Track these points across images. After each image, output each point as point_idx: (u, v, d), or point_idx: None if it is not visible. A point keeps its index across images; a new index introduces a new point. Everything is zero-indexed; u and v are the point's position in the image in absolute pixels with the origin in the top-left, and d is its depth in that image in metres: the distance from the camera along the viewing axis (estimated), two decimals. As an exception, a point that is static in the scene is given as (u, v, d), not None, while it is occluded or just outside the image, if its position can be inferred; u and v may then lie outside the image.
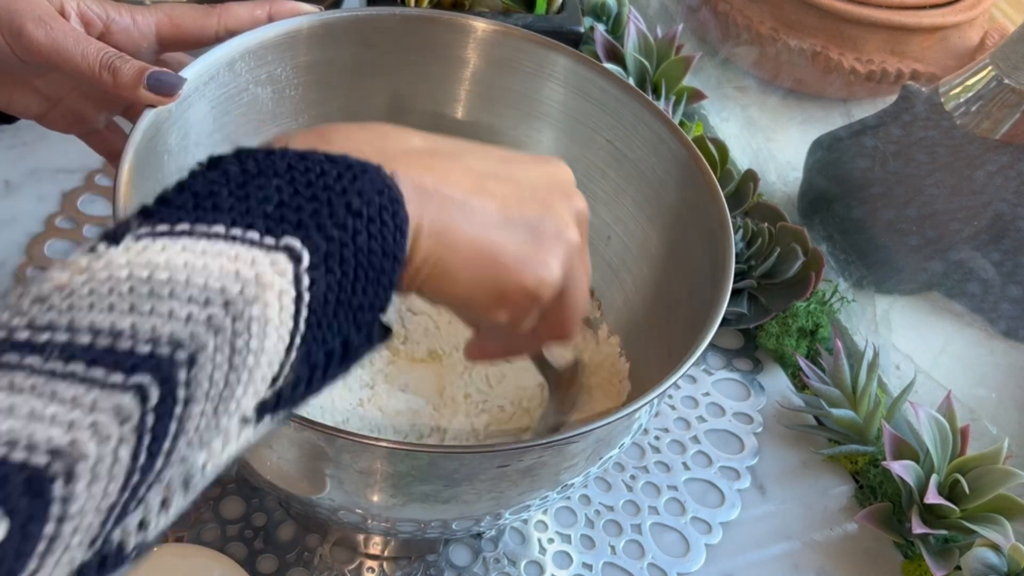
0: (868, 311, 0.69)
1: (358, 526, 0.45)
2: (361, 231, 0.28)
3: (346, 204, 0.28)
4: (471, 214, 0.31)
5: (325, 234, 0.27)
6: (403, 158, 0.31)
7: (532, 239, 0.33)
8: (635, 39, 0.79)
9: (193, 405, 0.24)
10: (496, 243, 0.32)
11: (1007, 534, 0.53)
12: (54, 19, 0.44)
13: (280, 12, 0.50)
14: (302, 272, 0.26)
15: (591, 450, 0.42)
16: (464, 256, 0.31)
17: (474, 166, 0.33)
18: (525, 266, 0.32)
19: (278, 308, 0.26)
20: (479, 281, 0.32)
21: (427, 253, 0.31)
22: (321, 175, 0.28)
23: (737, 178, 0.71)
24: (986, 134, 0.66)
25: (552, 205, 0.34)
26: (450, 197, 0.31)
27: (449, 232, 0.31)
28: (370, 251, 0.28)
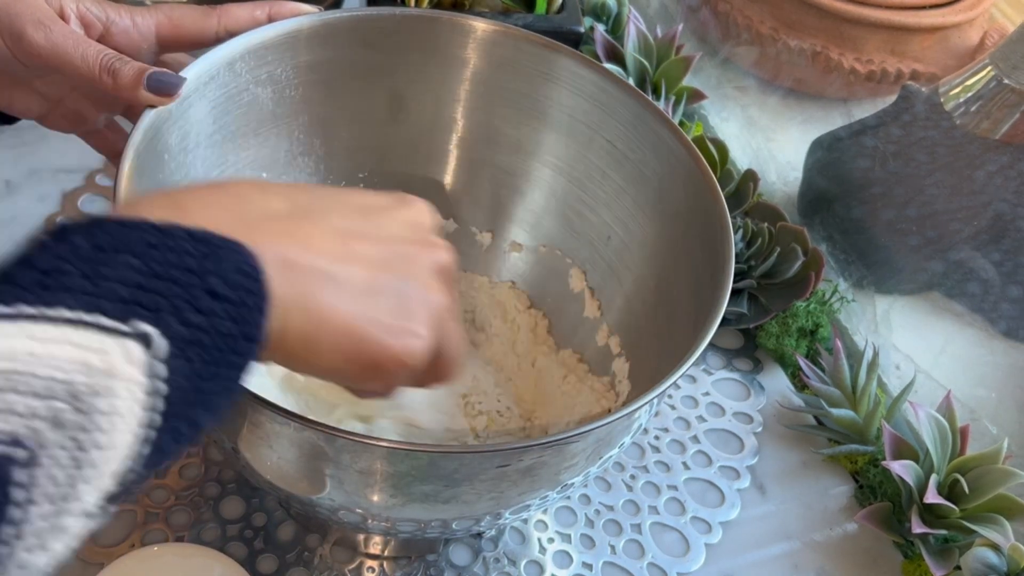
0: (868, 311, 0.69)
1: (358, 526, 0.45)
2: (221, 315, 0.26)
3: (207, 287, 0.26)
4: (338, 285, 0.30)
5: (182, 319, 0.25)
6: (264, 226, 0.30)
7: (400, 307, 0.32)
8: (635, 39, 0.79)
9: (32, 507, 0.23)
10: (364, 315, 0.31)
11: (1007, 534, 0.53)
12: (54, 22, 0.44)
13: (280, 13, 0.50)
14: (156, 361, 0.25)
15: (591, 450, 0.42)
16: (332, 330, 0.30)
17: (337, 225, 0.32)
18: (395, 337, 0.31)
19: (130, 400, 0.24)
20: (349, 354, 0.31)
21: (292, 327, 0.29)
22: (182, 254, 0.26)
23: (737, 178, 0.71)
24: (986, 134, 0.66)
25: (415, 263, 0.33)
26: (315, 268, 0.30)
27: (316, 306, 0.30)
28: (228, 335, 0.26)
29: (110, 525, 0.51)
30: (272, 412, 0.36)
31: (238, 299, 0.27)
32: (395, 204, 0.35)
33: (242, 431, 0.40)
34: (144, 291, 0.25)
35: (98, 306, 0.24)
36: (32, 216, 0.66)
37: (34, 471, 0.23)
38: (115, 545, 0.50)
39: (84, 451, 0.24)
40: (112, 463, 0.24)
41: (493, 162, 0.60)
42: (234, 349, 0.27)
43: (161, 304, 0.25)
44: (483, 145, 0.60)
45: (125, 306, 0.25)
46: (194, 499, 0.53)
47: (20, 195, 0.67)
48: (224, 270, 0.26)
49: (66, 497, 0.24)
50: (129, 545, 0.50)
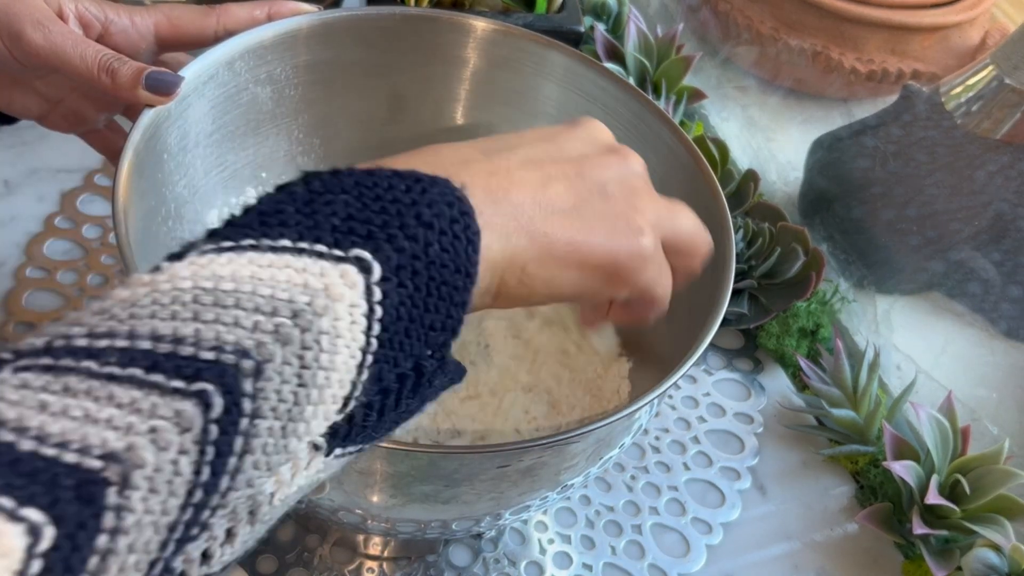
0: (869, 311, 0.69)
1: (358, 526, 0.45)
2: (433, 243, 0.27)
3: (416, 215, 0.27)
4: (550, 207, 0.31)
5: (396, 245, 0.26)
6: (463, 169, 0.30)
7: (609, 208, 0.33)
8: (635, 39, 0.79)
9: (260, 421, 0.23)
10: (584, 227, 0.32)
11: (1008, 534, 0.53)
12: (52, 22, 0.44)
13: (279, 12, 0.50)
14: (373, 284, 0.25)
15: (591, 450, 0.42)
16: (561, 248, 0.31)
17: (528, 155, 0.33)
18: (621, 235, 0.32)
19: (349, 321, 0.25)
20: (585, 266, 0.32)
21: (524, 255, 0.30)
22: (389, 188, 0.27)
23: (737, 178, 0.71)
24: (987, 134, 0.66)
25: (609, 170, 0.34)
26: (523, 196, 0.31)
27: (536, 229, 0.31)
28: (442, 264, 0.27)
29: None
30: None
31: (448, 229, 0.27)
32: (570, 126, 0.36)
33: (241, 431, 0.40)
34: (357, 221, 0.26)
35: (315, 236, 0.25)
36: (31, 216, 0.65)
37: (261, 383, 0.23)
38: (114, 546, 0.50)
39: (307, 368, 0.24)
40: (333, 385, 0.25)
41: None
42: (447, 280, 0.27)
43: (374, 232, 0.26)
44: (483, 145, 0.60)
45: (340, 234, 0.26)
46: (193, 499, 0.53)
47: (19, 195, 0.67)
48: (432, 201, 0.27)
49: (292, 415, 0.24)
50: (128, 546, 0.50)
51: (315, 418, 0.25)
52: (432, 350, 0.28)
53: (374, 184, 0.27)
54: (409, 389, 0.28)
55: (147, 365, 0.22)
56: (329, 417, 0.25)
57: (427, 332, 0.27)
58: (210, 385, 0.22)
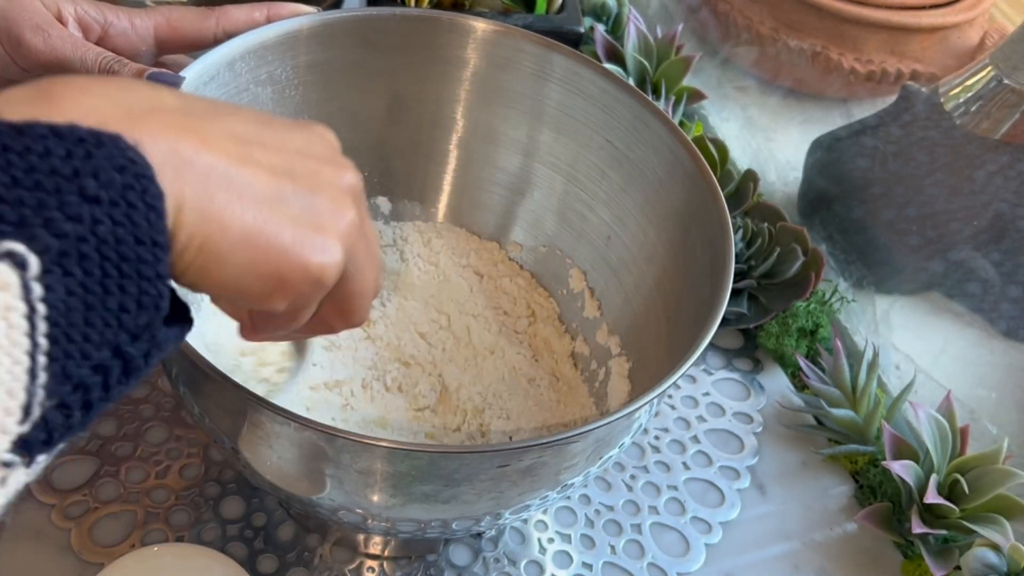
0: (868, 311, 0.69)
1: (358, 526, 0.45)
2: (102, 220, 0.23)
3: (79, 189, 0.23)
4: (239, 187, 0.27)
5: (55, 230, 0.22)
6: (152, 117, 0.26)
7: (309, 217, 0.29)
8: (635, 39, 0.79)
9: None
10: (271, 222, 0.28)
11: (1007, 534, 0.53)
12: (51, 26, 0.44)
13: (279, 14, 0.50)
14: (31, 281, 0.22)
15: (591, 450, 0.42)
16: (234, 237, 0.27)
17: (235, 129, 0.28)
18: (305, 247, 0.28)
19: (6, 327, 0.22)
20: (254, 265, 0.27)
21: (191, 233, 0.26)
22: (45, 155, 0.23)
23: (737, 178, 0.71)
24: (986, 134, 0.66)
25: (324, 178, 0.30)
26: (212, 166, 0.26)
27: (215, 208, 0.26)
28: (118, 241, 0.23)
29: (110, 525, 0.51)
30: (272, 412, 0.36)
31: (120, 199, 0.23)
32: (297, 123, 0.32)
33: (242, 431, 0.40)
34: (5, 204, 0.22)
35: None
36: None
37: None
38: (115, 545, 0.50)
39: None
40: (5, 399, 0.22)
41: (493, 162, 0.60)
42: (128, 255, 0.24)
43: (28, 217, 0.22)
44: (483, 145, 0.60)
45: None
46: (194, 499, 0.53)
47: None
48: (99, 168, 0.23)
49: None
50: (129, 545, 0.50)
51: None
52: (133, 333, 0.25)
53: (26, 149, 0.22)
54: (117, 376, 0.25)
55: None
56: (8, 431, 0.22)
57: (118, 315, 0.24)
58: None
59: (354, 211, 0.31)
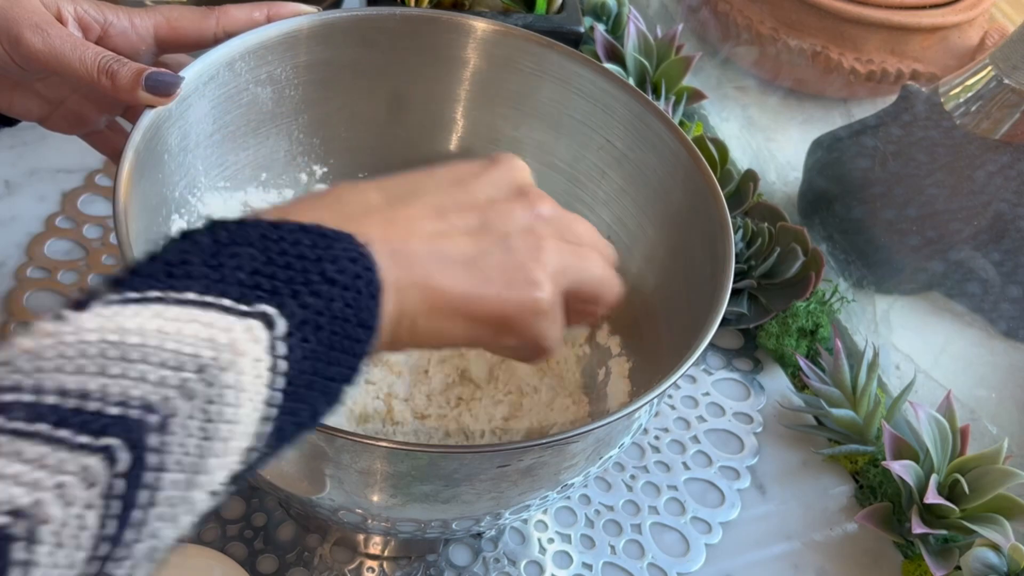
0: (868, 311, 0.69)
1: (358, 526, 0.45)
2: (336, 299, 0.27)
3: (321, 272, 0.27)
4: (446, 259, 0.31)
5: (300, 301, 0.26)
6: (366, 219, 0.31)
7: (509, 260, 0.33)
8: (635, 39, 0.79)
9: (165, 474, 0.23)
10: (477, 278, 0.32)
11: (1007, 534, 0.53)
12: (51, 25, 0.44)
13: (279, 13, 0.50)
14: (277, 340, 0.26)
15: (591, 450, 0.42)
16: (451, 300, 0.31)
17: (433, 202, 0.33)
18: (512, 288, 0.32)
19: (253, 375, 0.25)
20: (473, 318, 0.32)
21: (416, 308, 0.30)
22: (295, 244, 0.27)
23: (737, 178, 0.71)
24: (986, 134, 0.66)
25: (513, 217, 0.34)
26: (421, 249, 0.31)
27: (430, 282, 0.31)
28: (345, 319, 0.27)
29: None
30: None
31: (351, 284, 0.28)
32: (485, 167, 0.36)
33: (242, 431, 0.40)
34: (263, 276, 0.26)
35: (222, 290, 0.26)
36: (32, 216, 0.66)
37: (166, 437, 0.23)
38: (115, 545, 0.50)
39: (212, 422, 0.24)
40: (237, 438, 0.25)
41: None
42: (350, 334, 0.28)
43: (279, 288, 0.26)
44: (483, 145, 0.60)
45: (246, 289, 0.26)
46: (194, 499, 0.53)
47: (20, 195, 0.67)
48: (336, 257, 0.28)
49: (196, 468, 0.24)
50: (129, 545, 0.50)
51: (218, 470, 0.25)
52: (329, 400, 0.28)
53: (280, 238, 0.27)
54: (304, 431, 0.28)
55: (54, 420, 0.22)
56: (230, 468, 0.26)
57: (327, 383, 0.28)
58: (116, 440, 0.22)
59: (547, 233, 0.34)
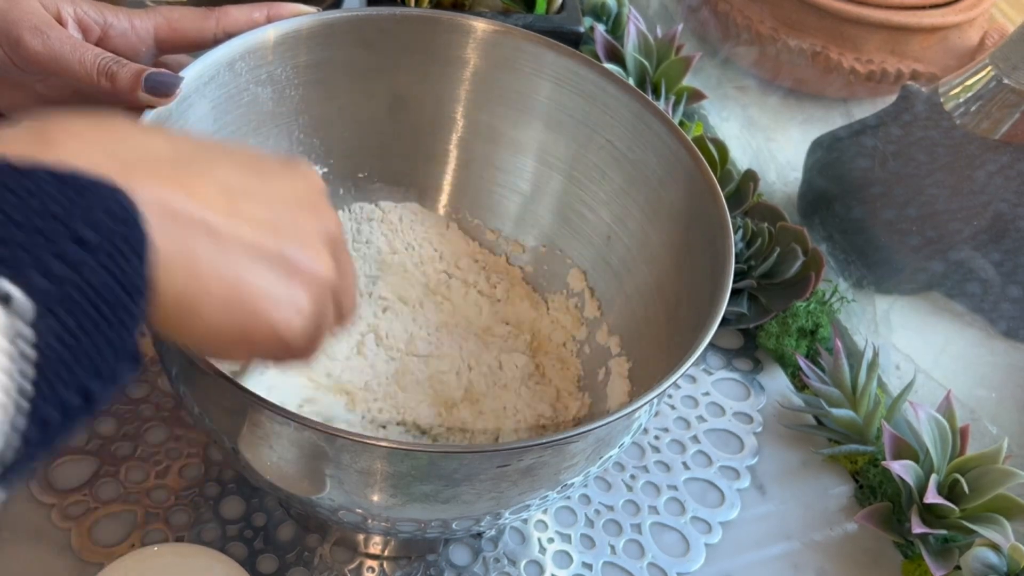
0: (868, 311, 0.69)
1: (358, 526, 0.45)
2: (92, 266, 0.23)
3: (73, 236, 0.23)
4: (224, 244, 0.28)
5: (46, 273, 0.22)
6: (143, 167, 0.27)
7: (284, 276, 0.30)
8: (635, 39, 0.79)
9: None
10: (247, 281, 0.29)
11: (1007, 534, 0.53)
12: (51, 27, 0.44)
13: (279, 14, 0.50)
14: (21, 324, 0.22)
15: (591, 450, 0.42)
16: (213, 294, 0.28)
17: (224, 179, 0.29)
18: (276, 309, 0.30)
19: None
20: (226, 323, 0.29)
21: (174, 286, 0.27)
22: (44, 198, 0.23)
23: (737, 178, 0.71)
24: (986, 134, 0.66)
25: (305, 230, 0.31)
26: (200, 221, 0.27)
27: (199, 264, 0.27)
28: (104, 286, 0.24)
29: (110, 525, 0.51)
30: (272, 412, 0.36)
31: (111, 247, 0.24)
32: (284, 166, 0.33)
33: (242, 431, 0.40)
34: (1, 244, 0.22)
35: None
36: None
37: None
38: (115, 545, 0.50)
39: None
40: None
41: (493, 162, 0.60)
42: (114, 303, 0.24)
43: (21, 258, 0.22)
44: (483, 145, 0.60)
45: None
46: (194, 499, 0.53)
47: (20, 195, 0.67)
48: (94, 215, 0.24)
49: None
50: (129, 545, 0.50)
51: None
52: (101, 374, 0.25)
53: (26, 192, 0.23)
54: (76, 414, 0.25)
55: None
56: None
57: (94, 359, 0.24)
58: None
59: (329, 266, 0.32)
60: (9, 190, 0.22)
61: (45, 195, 0.23)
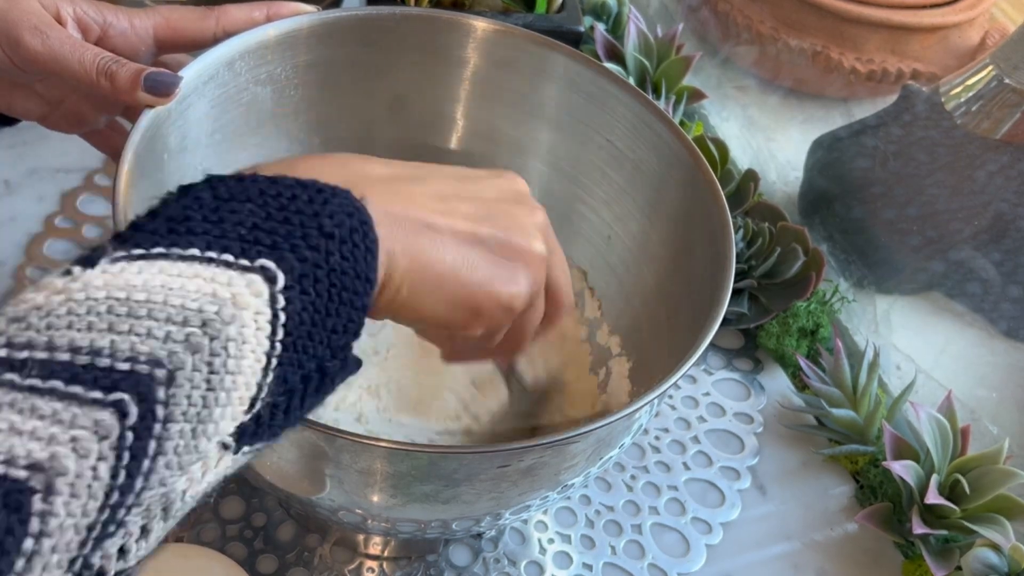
0: (868, 311, 0.69)
1: (358, 526, 0.45)
2: (334, 252, 0.28)
3: (318, 226, 0.28)
4: (440, 235, 0.32)
5: (299, 255, 0.27)
6: (367, 185, 0.31)
7: (501, 254, 0.34)
8: (635, 39, 0.79)
9: (172, 424, 0.24)
10: (466, 261, 0.33)
11: (1007, 534, 0.53)
12: (50, 27, 0.44)
13: (279, 13, 0.50)
14: (277, 293, 0.27)
15: (591, 450, 0.42)
16: (439, 277, 0.32)
17: (437, 188, 0.34)
18: (497, 280, 0.34)
19: (254, 328, 0.26)
20: (452, 299, 0.33)
21: (402, 276, 0.31)
22: (292, 199, 0.28)
23: (737, 178, 0.71)
24: (986, 134, 0.66)
25: (516, 218, 0.35)
26: (418, 220, 0.32)
27: (422, 254, 0.32)
28: (343, 272, 0.28)
29: (110, 525, 0.51)
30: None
31: (348, 238, 0.28)
32: (491, 174, 0.37)
33: (242, 431, 0.40)
34: (262, 231, 0.27)
35: (224, 245, 0.27)
36: (32, 216, 0.65)
37: (173, 390, 0.24)
38: (115, 545, 0.50)
39: (216, 373, 0.25)
40: (240, 388, 0.26)
41: (493, 162, 0.60)
42: (348, 286, 0.29)
43: (278, 242, 0.27)
44: (483, 145, 0.60)
45: (247, 244, 0.27)
46: (194, 499, 0.53)
47: (19, 195, 0.67)
48: (333, 212, 0.28)
49: (202, 418, 0.25)
50: (129, 545, 0.50)
51: (224, 419, 0.26)
52: (334, 352, 0.29)
53: (278, 194, 0.28)
54: (313, 388, 0.29)
55: (67, 377, 0.23)
56: (237, 418, 0.27)
57: (329, 335, 0.29)
58: (126, 395, 0.23)
59: (542, 246, 0.36)
60: (266, 193, 0.28)
61: (294, 196, 0.28)
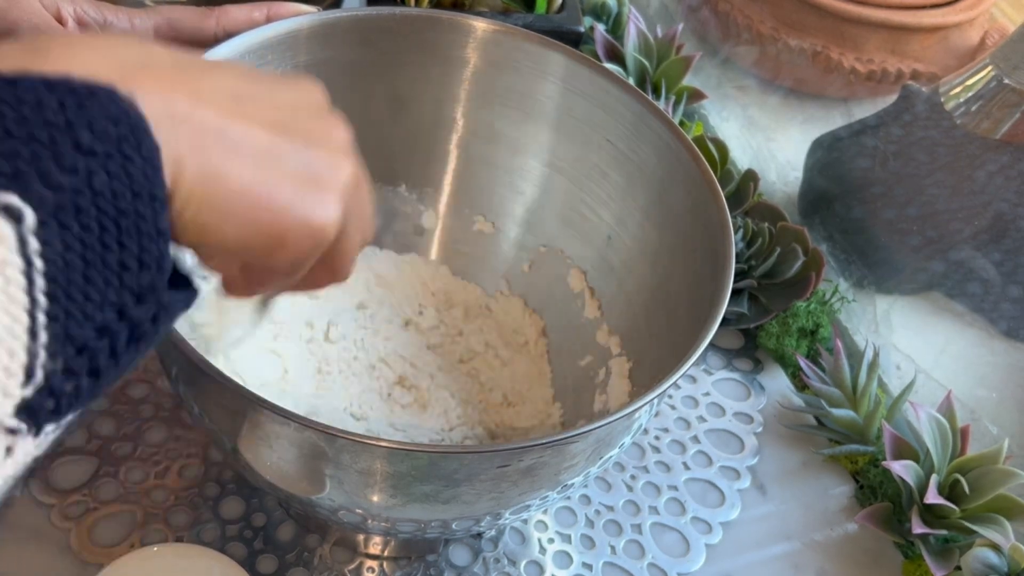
0: (868, 311, 0.69)
1: (358, 526, 0.45)
2: (98, 171, 0.22)
3: (74, 141, 0.22)
4: (235, 144, 0.26)
5: (50, 183, 0.22)
6: (145, 72, 0.25)
7: (307, 173, 0.28)
8: (635, 39, 0.79)
9: None
10: (270, 178, 0.27)
11: (1007, 534, 0.53)
12: (50, 27, 0.44)
13: (279, 13, 0.50)
14: (27, 234, 0.21)
15: (591, 450, 0.42)
16: (232, 193, 0.26)
17: (228, 85, 0.28)
18: (304, 203, 0.28)
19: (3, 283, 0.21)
20: (256, 224, 0.27)
21: (188, 193, 0.25)
22: (38, 106, 0.22)
23: (737, 178, 0.71)
24: (986, 134, 0.66)
25: (318, 131, 0.30)
26: (208, 123, 0.26)
27: (212, 166, 0.26)
28: (116, 196, 0.23)
29: (110, 525, 0.51)
30: (272, 412, 0.36)
31: (116, 151, 0.23)
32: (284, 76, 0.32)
33: (242, 431, 0.40)
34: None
35: None
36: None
37: None
38: (115, 545, 0.50)
39: None
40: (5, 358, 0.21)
41: (493, 162, 0.60)
42: (127, 211, 0.23)
43: (21, 168, 0.21)
44: (483, 145, 0.60)
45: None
46: (194, 499, 0.53)
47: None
48: (93, 120, 0.22)
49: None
50: (129, 545, 0.50)
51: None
52: (136, 293, 0.24)
53: (18, 101, 0.22)
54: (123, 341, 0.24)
55: None
56: (10, 393, 0.22)
57: (119, 275, 0.23)
58: None
59: (351, 166, 0.30)
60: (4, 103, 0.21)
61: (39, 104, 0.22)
